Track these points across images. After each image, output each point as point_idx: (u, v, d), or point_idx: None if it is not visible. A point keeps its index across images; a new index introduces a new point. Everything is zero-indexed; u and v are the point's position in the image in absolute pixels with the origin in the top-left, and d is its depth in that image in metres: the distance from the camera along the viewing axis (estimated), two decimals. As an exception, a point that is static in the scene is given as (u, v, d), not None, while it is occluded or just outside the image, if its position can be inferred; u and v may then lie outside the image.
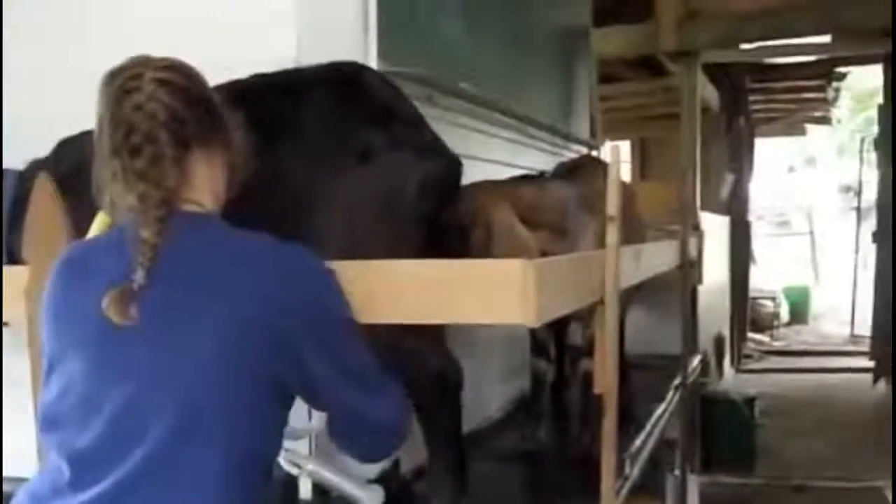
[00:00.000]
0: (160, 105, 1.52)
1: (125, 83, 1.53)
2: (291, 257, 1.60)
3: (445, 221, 2.05)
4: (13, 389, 2.38)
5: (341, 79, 2.15)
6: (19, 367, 2.16)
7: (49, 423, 1.54)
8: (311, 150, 2.01)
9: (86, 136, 2.03)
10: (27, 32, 2.84)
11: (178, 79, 1.56)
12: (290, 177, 1.97)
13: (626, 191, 2.79)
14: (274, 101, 2.07)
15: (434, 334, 2.11)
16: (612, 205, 2.20)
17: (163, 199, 1.51)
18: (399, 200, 1.99)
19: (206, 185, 1.62)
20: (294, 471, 2.15)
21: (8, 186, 2.38)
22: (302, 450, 2.23)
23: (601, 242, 2.51)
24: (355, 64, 2.28)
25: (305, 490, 2.25)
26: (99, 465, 1.46)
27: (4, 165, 2.46)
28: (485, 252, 2.48)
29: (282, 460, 2.09)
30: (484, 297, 1.70)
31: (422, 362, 2.10)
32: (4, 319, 2.26)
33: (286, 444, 1.85)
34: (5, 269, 2.26)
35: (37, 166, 2.36)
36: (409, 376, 2.01)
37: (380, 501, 2.12)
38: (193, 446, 1.46)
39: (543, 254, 2.60)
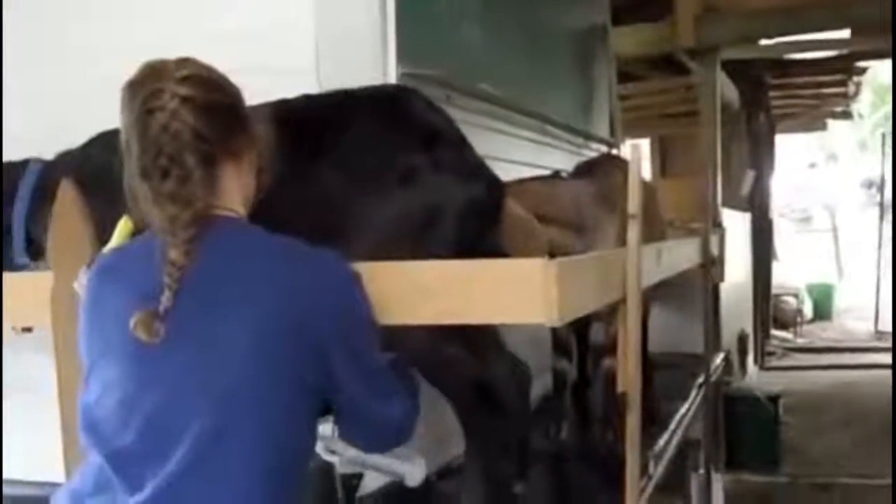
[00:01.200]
0: (185, 125, 1.52)
1: (147, 101, 1.52)
2: (320, 259, 1.61)
3: (487, 244, 2.07)
4: (34, 393, 2.41)
5: (388, 102, 2.19)
6: (45, 370, 2.18)
7: (90, 423, 1.55)
8: (357, 170, 2.04)
9: (117, 134, 2.08)
10: (30, 49, 2.86)
11: (200, 93, 1.55)
12: (335, 195, 2.00)
13: (647, 189, 2.79)
14: (322, 121, 2.10)
15: (481, 340, 2.14)
16: (634, 203, 2.20)
17: (192, 218, 1.52)
18: (441, 221, 2.02)
19: (235, 191, 1.63)
20: (332, 458, 2.13)
21: (31, 175, 2.40)
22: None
23: (620, 240, 2.51)
24: (403, 87, 2.34)
25: (343, 478, 2.25)
26: (139, 464, 1.49)
27: (29, 155, 2.47)
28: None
29: (318, 448, 2.08)
30: (505, 296, 1.70)
31: (466, 368, 2.13)
32: (30, 324, 2.29)
33: (323, 430, 1.86)
34: (31, 274, 2.29)
35: (64, 159, 2.38)
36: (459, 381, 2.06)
37: (424, 475, 2.13)
38: (229, 446, 1.48)
39: (558, 249, 2.59)
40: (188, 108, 1.52)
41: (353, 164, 2.06)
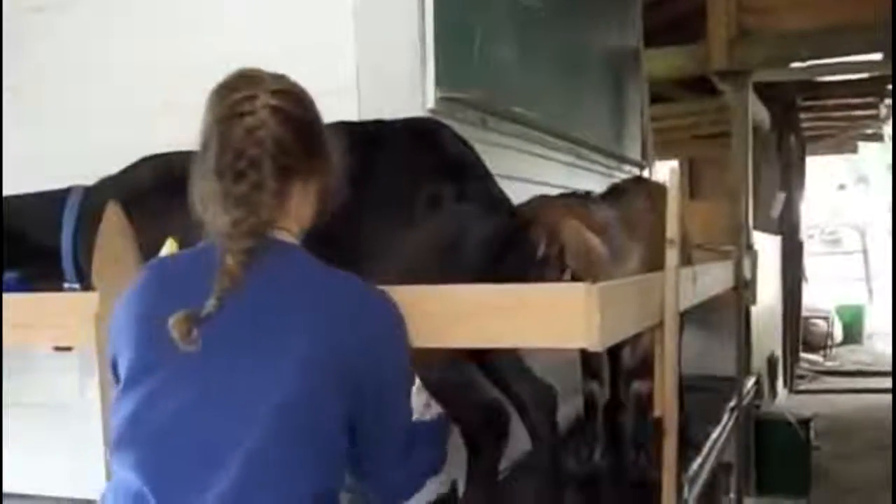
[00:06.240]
0: (270, 133, 1.52)
1: (238, 104, 1.54)
2: (373, 301, 1.61)
3: (504, 274, 2.11)
4: (75, 412, 2.44)
5: (419, 133, 2.25)
6: (85, 390, 2.21)
7: (124, 440, 1.49)
8: (386, 197, 2.09)
9: (171, 156, 2.13)
10: (94, 70, 2.91)
11: (291, 107, 1.57)
12: (364, 219, 2.04)
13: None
14: (354, 149, 2.14)
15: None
16: (672, 228, 2.21)
17: (255, 227, 1.50)
18: (464, 247, 2.08)
19: (297, 212, 1.62)
20: None
21: (73, 201, 2.44)
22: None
23: (643, 266, 2.52)
24: (432, 120, 2.40)
25: None
26: (179, 487, 1.42)
27: (71, 183, 2.51)
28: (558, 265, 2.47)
29: None
30: (547, 320, 1.71)
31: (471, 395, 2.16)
32: (73, 344, 2.32)
33: None
34: (74, 294, 2.33)
35: (105, 183, 2.42)
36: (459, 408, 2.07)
37: None
38: (269, 477, 1.42)
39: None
40: (277, 119, 1.53)
41: (384, 190, 2.10)
